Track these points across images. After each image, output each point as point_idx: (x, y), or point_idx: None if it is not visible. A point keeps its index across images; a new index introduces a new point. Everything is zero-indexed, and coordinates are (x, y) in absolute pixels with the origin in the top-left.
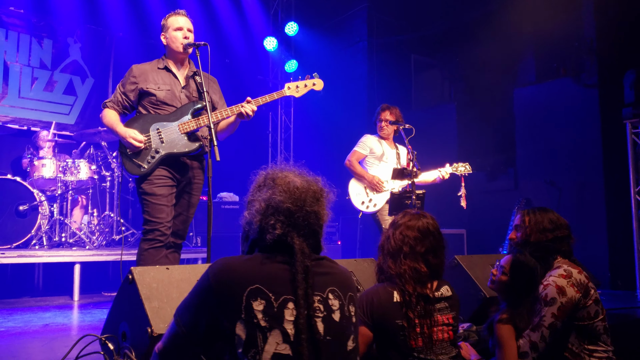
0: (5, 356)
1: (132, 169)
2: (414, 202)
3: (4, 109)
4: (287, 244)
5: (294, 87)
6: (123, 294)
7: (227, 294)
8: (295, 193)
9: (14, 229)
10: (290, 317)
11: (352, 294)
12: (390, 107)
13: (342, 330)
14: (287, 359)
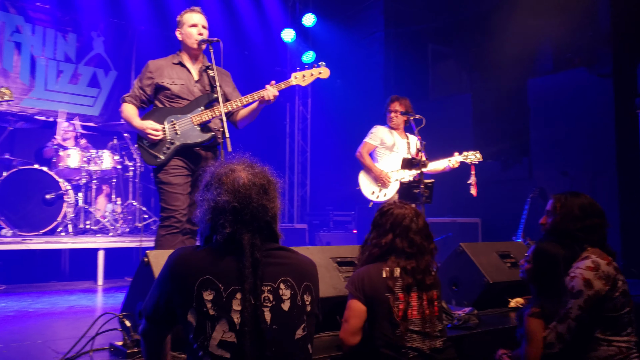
0: (34, 334)
1: (149, 159)
2: (423, 192)
3: (31, 101)
4: (237, 240)
5: (300, 76)
6: (139, 276)
7: (181, 282)
8: (240, 191)
9: (41, 216)
10: (238, 307)
11: (309, 284)
12: (399, 98)
13: (290, 319)
14: (233, 346)
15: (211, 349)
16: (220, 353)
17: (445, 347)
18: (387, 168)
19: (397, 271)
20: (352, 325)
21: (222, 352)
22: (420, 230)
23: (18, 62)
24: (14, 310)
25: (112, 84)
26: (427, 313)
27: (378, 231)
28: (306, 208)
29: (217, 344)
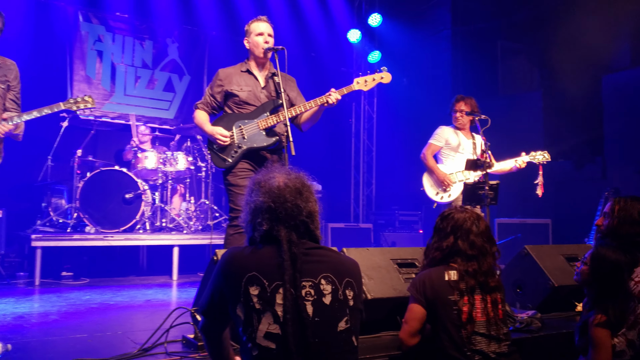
0: (115, 325)
1: (218, 162)
2: (487, 193)
3: (111, 106)
4: (275, 237)
5: (362, 81)
6: (209, 272)
7: (231, 279)
8: (274, 192)
9: (121, 214)
10: (281, 301)
11: (351, 280)
12: (465, 98)
13: (332, 312)
14: (277, 337)
15: (258, 340)
16: (267, 344)
17: (511, 352)
18: (453, 169)
19: (459, 274)
20: (411, 327)
21: (268, 342)
22: (481, 233)
23: (100, 69)
24: (97, 302)
25: (186, 88)
26: (491, 315)
27: (439, 235)
28: (372, 207)
29: (263, 335)
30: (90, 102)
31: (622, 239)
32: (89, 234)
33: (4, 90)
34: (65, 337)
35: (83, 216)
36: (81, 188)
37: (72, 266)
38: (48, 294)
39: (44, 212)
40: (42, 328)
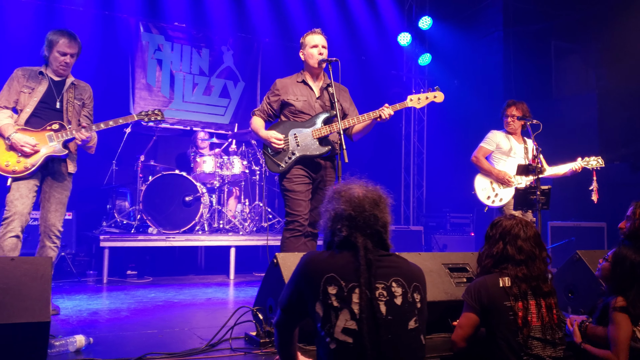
0: (181, 321)
1: (272, 167)
2: (539, 198)
3: (170, 112)
4: (352, 243)
5: (415, 99)
6: (269, 275)
7: (311, 279)
8: (354, 202)
9: (181, 216)
10: (357, 300)
11: (418, 284)
12: (516, 103)
13: (403, 312)
14: (354, 332)
15: (336, 335)
16: (344, 338)
17: (566, 356)
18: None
19: (512, 279)
20: (465, 332)
21: (345, 337)
22: (529, 238)
23: (160, 77)
24: (162, 300)
25: (241, 94)
26: (546, 320)
27: (489, 242)
28: (422, 210)
29: (341, 330)
30: (160, 115)
31: None
32: (152, 235)
33: (80, 107)
34: (137, 333)
35: (146, 218)
36: (144, 191)
37: (137, 265)
38: (116, 291)
39: (109, 213)
40: (116, 324)
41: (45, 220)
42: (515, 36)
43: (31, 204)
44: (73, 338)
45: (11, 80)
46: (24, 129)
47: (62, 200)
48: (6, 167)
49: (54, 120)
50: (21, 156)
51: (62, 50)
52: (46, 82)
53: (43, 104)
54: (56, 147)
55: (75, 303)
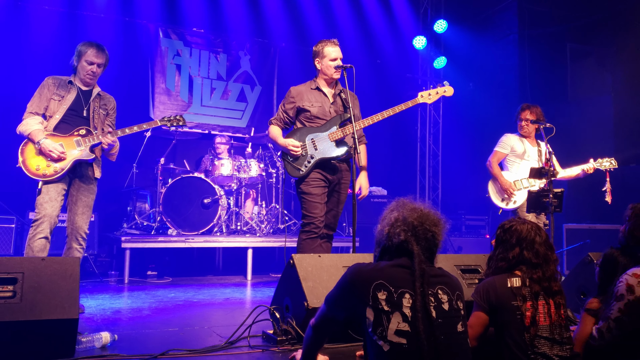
0: (199, 320)
1: (292, 172)
2: (551, 201)
3: (189, 116)
4: (407, 250)
5: (426, 94)
6: (286, 275)
7: (359, 288)
8: (419, 213)
9: (200, 218)
10: (407, 304)
11: (459, 293)
12: (530, 106)
13: (450, 316)
14: (407, 334)
15: (389, 337)
16: (398, 340)
17: (573, 355)
18: (518, 176)
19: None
20: (475, 332)
21: (399, 339)
22: (544, 242)
23: (179, 82)
24: (182, 300)
25: (257, 98)
26: (554, 319)
27: (504, 246)
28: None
29: (394, 332)
30: (182, 121)
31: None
32: (171, 236)
33: (104, 116)
34: (159, 330)
35: (166, 219)
36: (164, 193)
37: (157, 266)
38: (137, 291)
39: (130, 215)
40: (138, 322)
41: (72, 222)
42: (531, 39)
43: (59, 206)
44: (99, 335)
45: (42, 87)
46: (53, 135)
47: (89, 203)
48: (37, 171)
49: (81, 126)
50: (50, 160)
51: (89, 59)
52: (75, 90)
53: (71, 112)
54: (84, 152)
55: (99, 302)
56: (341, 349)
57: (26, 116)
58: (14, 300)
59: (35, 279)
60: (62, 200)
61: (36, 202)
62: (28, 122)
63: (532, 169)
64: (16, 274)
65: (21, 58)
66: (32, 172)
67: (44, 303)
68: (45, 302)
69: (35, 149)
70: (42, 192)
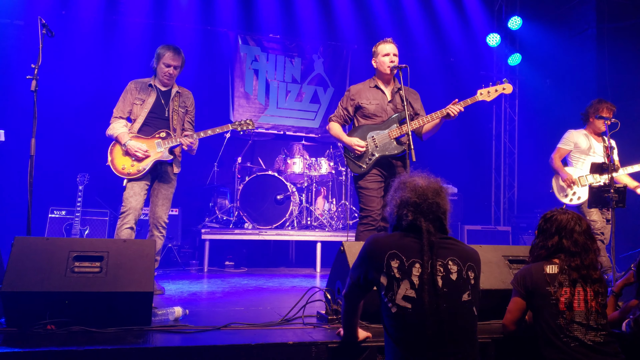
0: (264, 302)
1: (355, 168)
2: (612, 196)
3: (266, 118)
4: (417, 226)
5: (485, 92)
6: (337, 261)
7: (375, 256)
8: (420, 190)
9: (273, 213)
10: (416, 272)
11: (472, 264)
12: (595, 103)
13: (457, 286)
14: (413, 299)
15: (397, 301)
16: (404, 304)
17: (607, 342)
18: (583, 171)
19: (560, 267)
20: (513, 316)
21: (405, 303)
22: (583, 232)
23: (256, 86)
24: (253, 286)
25: (330, 99)
26: (591, 306)
27: (544, 235)
28: (514, 210)
29: (401, 297)
30: (251, 124)
31: None
32: (247, 230)
33: (184, 114)
34: (226, 309)
35: (242, 214)
36: (241, 190)
37: (234, 257)
38: (214, 278)
39: (211, 210)
40: (210, 302)
41: (153, 213)
42: (610, 33)
43: (143, 200)
44: (172, 309)
45: (125, 92)
46: (136, 137)
47: (168, 196)
48: (122, 169)
49: (161, 129)
50: (135, 160)
51: (167, 62)
52: (154, 93)
53: (152, 114)
54: (163, 153)
55: (178, 286)
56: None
57: (112, 120)
58: (101, 275)
59: (118, 257)
60: (145, 195)
61: (123, 196)
62: (114, 127)
63: (593, 164)
64: (102, 252)
65: (113, 67)
66: (118, 171)
67: (125, 278)
68: (125, 277)
69: (122, 150)
70: (127, 188)
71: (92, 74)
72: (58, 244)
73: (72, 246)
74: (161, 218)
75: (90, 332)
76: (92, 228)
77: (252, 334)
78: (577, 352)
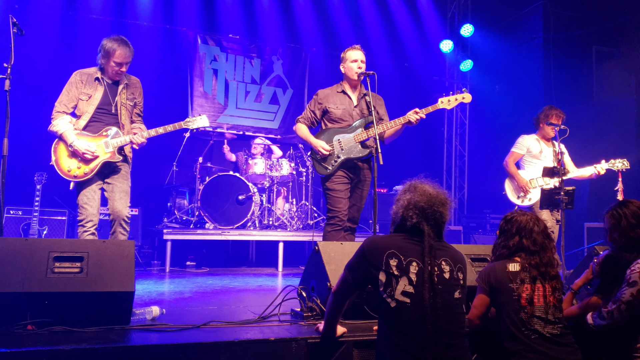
0: (235, 301)
1: (320, 170)
2: (563, 198)
3: (225, 118)
4: (419, 229)
5: (446, 100)
6: (312, 260)
7: (374, 255)
8: (428, 196)
9: (235, 213)
10: (414, 270)
11: (461, 266)
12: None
13: (450, 284)
14: (411, 295)
15: (396, 296)
16: (403, 299)
17: (563, 334)
18: (534, 175)
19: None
20: (478, 311)
21: (404, 298)
22: (541, 232)
23: (215, 86)
24: (219, 286)
25: (289, 101)
26: (550, 301)
27: (506, 235)
28: (464, 211)
29: (400, 292)
30: (205, 121)
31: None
32: (209, 230)
33: (132, 107)
34: (200, 308)
35: (203, 214)
36: (202, 190)
37: (195, 257)
38: (178, 278)
39: (170, 210)
40: (181, 301)
41: (113, 209)
42: (556, 42)
43: (98, 203)
44: (149, 308)
45: (70, 85)
46: (82, 134)
47: (124, 189)
48: (68, 172)
49: (109, 126)
50: (81, 161)
51: (118, 61)
52: (102, 87)
53: (100, 110)
54: (113, 154)
55: (144, 287)
56: (359, 325)
57: (55, 115)
58: (81, 275)
59: (98, 257)
60: (99, 196)
61: (78, 202)
62: (58, 123)
63: (545, 168)
64: (82, 253)
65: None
66: (64, 172)
67: (106, 278)
68: (106, 277)
69: (67, 150)
70: (81, 194)
71: (48, 71)
72: (38, 244)
73: (52, 247)
74: (122, 213)
75: (73, 332)
76: (51, 228)
77: (232, 331)
78: (537, 344)
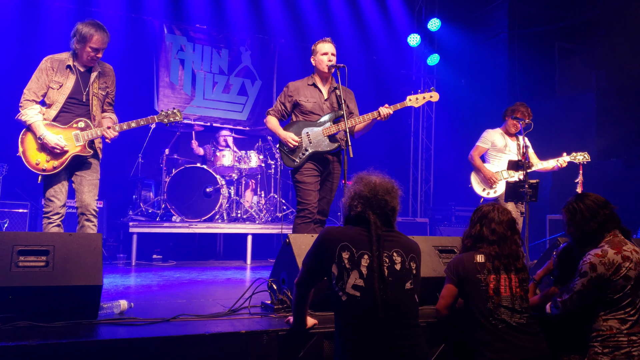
0: (204, 295)
1: (288, 162)
2: (527, 191)
3: (192, 109)
4: (365, 218)
5: (414, 99)
6: (282, 253)
7: (328, 247)
8: (372, 186)
9: (202, 206)
10: (365, 263)
11: (414, 255)
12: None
13: (401, 276)
14: (361, 288)
15: (347, 290)
16: (353, 293)
17: (529, 323)
18: (499, 168)
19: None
20: (446, 302)
21: (354, 292)
22: (502, 222)
23: (182, 76)
24: (187, 279)
25: (258, 92)
26: (516, 291)
27: (471, 225)
28: (429, 203)
29: (351, 286)
30: (178, 116)
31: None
32: (176, 223)
33: (104, 96)
34: (168, 301)
35: (170, 207)
36: (168, 183)
37: (161, 250)
38: (144, 272)
39: (135, 203)
40: (149, 295)
41: (81, 201)
42: (520, 38)
43: (65, 196)
44: (118, 302)
45: (40, 72)
46: (52, 125)
47: (93, 181)
48: (37, 165)
49: (80, 117)
50: (50, 154)
51: (95, 46)
52: (74, 76)
53: (71, 99)
54: (82, 148)
55: (110, 280)
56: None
57: (24, 104)
58: (47, 269)
59: (65, 251)
60: (67, 189)
61: (45, 195)
62: (27, 113)
63: (510, 162)
64: (48, 246)
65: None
66: (32, 165)
67: (72, 271)
68: (73, 270)
69: (37, 143)
70: (48, 186)
71: (9, 58)
72: (1, 238)
73: (15, 240)
74: (90, 206)
75: (39, 327)
76: (12, 221)
77: (202, 324)
78: (504, 333)
